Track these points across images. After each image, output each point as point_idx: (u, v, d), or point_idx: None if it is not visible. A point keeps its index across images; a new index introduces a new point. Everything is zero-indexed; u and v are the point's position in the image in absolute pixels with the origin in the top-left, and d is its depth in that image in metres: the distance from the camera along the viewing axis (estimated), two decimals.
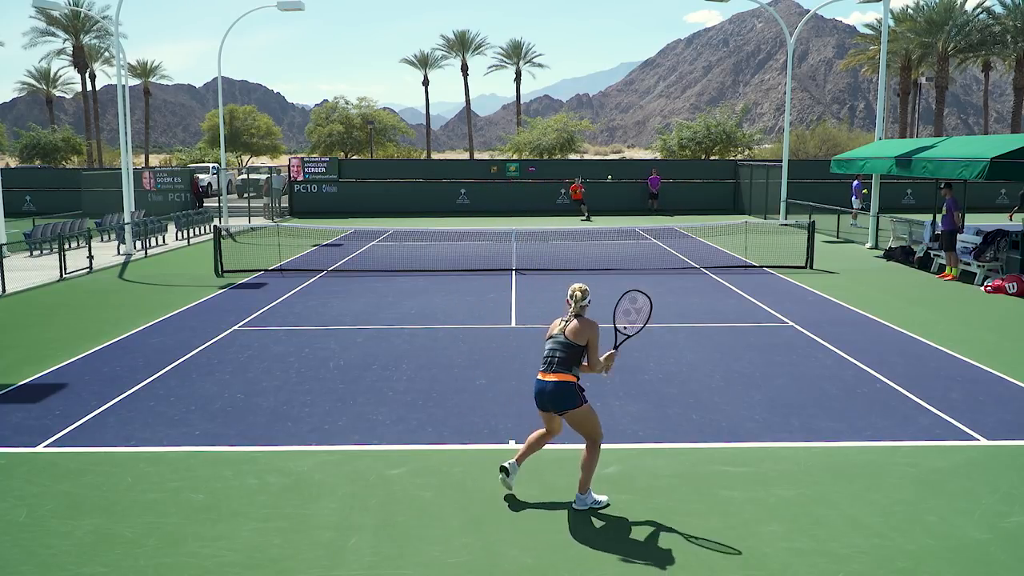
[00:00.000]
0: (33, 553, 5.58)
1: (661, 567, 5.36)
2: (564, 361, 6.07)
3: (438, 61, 79.77)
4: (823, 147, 62.28)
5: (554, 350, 6.14)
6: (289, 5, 27.54)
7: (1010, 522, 5.95)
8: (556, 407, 6.11)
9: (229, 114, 68.49)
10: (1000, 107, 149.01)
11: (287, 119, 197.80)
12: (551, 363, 6.10)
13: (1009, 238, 16.55)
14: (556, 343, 6.14)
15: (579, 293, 6.24)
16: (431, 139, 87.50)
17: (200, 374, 9.99)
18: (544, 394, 6.11)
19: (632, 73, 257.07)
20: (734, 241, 22.50)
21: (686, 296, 15.10)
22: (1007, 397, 8.94)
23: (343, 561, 5.44)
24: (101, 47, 67.65)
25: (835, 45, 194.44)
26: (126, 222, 22.61)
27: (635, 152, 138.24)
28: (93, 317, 13.70)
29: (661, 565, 5.38)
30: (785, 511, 6.15)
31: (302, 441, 7.70)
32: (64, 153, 63.79)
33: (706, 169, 40.75)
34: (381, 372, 10.01)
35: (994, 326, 12.60)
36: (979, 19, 56.55)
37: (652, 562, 5.42)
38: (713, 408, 8.59)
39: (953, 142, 18.77)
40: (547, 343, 6.24)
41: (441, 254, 21.42)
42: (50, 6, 24.21)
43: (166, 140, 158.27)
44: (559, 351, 6.11)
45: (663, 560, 5.44)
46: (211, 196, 43.31)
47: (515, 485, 6.44)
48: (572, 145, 57.89)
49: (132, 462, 7.20)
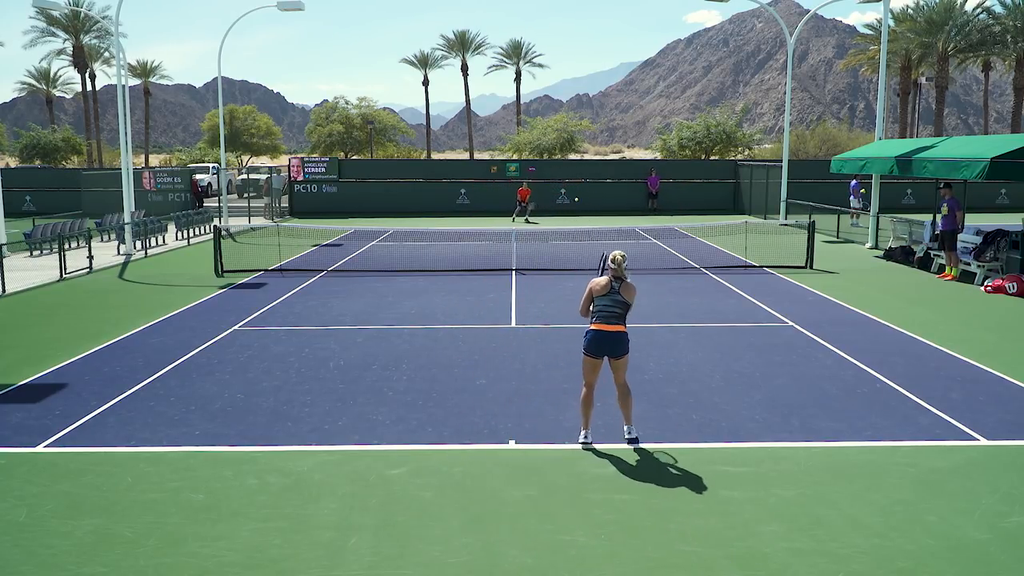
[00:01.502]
0: (33, 553, 5.58)
1: (661, 567, 5.35)
2: (621, 316, 7.34)
3: (438, 61, 79.81)
4: (823, 147, 62.28)
5: (613, 306, 7.30)
6: (289, 5, 27.54)
7: (1010, 522, 5.95)
8: (616, 352, 7.32)
9: (229, 114, 68.49)
10: (1000, 107, 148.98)
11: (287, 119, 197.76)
12: (612, 317, 7.30)
13: (1009, 238, 16.55)
14: (613, 301, 7.29)
15: (620, 257, 7.32)
16: (431, 139, 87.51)
17: (200, 374, 9.99)
18: (610, 341, 7.29)
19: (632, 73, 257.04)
20: (734, 241, 22.50)
21: (686, 296, 15.10)
22: (1007, 397, 8.94)
23: (343, 561, 5.44)
24: (101, 47, 67.65)
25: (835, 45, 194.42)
26: (126, 222, 22.62)
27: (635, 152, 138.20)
28: (93, 317, 13.70)
29: (661, 565, 5.38)
30: (785, 511, 6.15)
31: (302, 441, 7.70)
32: (64, 153, 63.79)
33: (706, 169, 40.75)
34: (381, 372, 10.01)
35: (994, 326, 12.60)
36: (979, 19, 56.55)
37: (652, 562, 5.42)
38: (713, 408, 8.59)
39: (953, 142, 18.77)
40: (602, 299, 7.30)
41: (441, 254, 21.42)
42: (50, 6, 24.22)
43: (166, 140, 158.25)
44: (618, 307, 7.30)
45: (663, 560, 5.44)
46: (211, 196, 43.30)
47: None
48: (572, 145, 57.89)
49: (132, 462, 7.20)
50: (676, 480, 6.72)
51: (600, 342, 7.30)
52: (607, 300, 7.28)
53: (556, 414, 8.40)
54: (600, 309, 7.31)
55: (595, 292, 7.32)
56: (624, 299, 7.27)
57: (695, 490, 6.53)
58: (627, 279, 7.32)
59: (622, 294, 7.26)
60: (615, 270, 7.28)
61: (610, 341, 7.29)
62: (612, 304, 7.28)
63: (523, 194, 32.21)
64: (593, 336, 7.32)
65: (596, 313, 7.33)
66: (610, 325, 7.28)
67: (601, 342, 7.30)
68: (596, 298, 7.32)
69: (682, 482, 6.68)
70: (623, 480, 6.75)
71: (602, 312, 7.30)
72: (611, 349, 7.31)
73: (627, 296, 7.27)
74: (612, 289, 7.26)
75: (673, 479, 6.74)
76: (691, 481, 6.71)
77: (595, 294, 7.32)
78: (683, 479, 6.75)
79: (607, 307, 7.29)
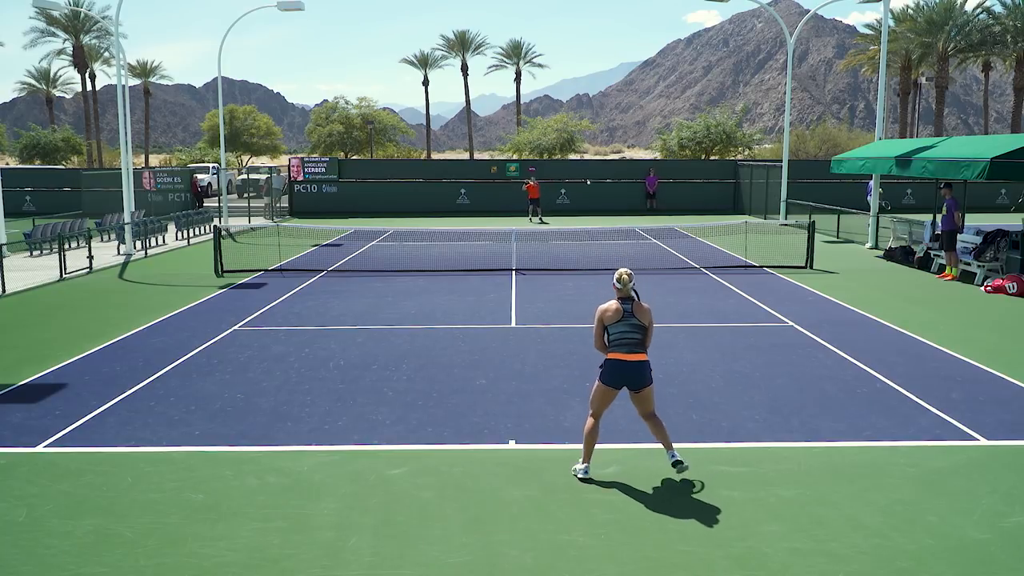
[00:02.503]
0: (33, 553, 5.58)
1: (661, 567, 5.35)
2: (642, 342, 6.65)
3: (438, 61, 79.78)
4: (823, 147, 62.27)
5: (633, 333, 6.59)
6: (289, 5, 27.54)
7: (1010, 522, 5.95)
8: (642, 384, 6.64)
9: (229, 114, 68.43)
10: (1000, 107, 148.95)
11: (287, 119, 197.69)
12: (634, 344, 6.59)
13: (1009, 238, 16.55)
14: (632, 326, 6.59)
15: (626, 276, 6.68)
16: (431, 139, 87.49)
17: (200, 374, 9.99)
18: (636, 373, 6.59)
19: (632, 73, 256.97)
20: (734, 241, 22.50)
21: (686, 296, 15.10)
22: (1007, 397, 8.94)
23: (343, 561, 5.44)
24: (101, 47, 67.65)
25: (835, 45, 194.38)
26: (126, 222, 22.62)
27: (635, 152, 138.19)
28: (93, 317, 13.70)
29: (661, 565, 5.38)
30: (785, 511, 6.15)
31: (302, 441, 7.70)
32: (64, 153, 63.77)
33: (706, 169, 40.75)
34: (381, 372, 10.01)
35: (994, 326, 12.60)
36: (979, 19, 56.55)
37: (652, 562, 5.42)
38: (713, 408, 8.59)
39: (953, 142, 18.77)
40: (618, 326, 6.57)
41: (441, 254, 21.42)
42: (50, 6, 24.20)
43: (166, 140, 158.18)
44: (637, 333, 6.60)
45: (663, 560, 5.44)
46: (211, 196, 43.30)
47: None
48: (572, 145, 57.88)
49: (132, 462, 7.20)
50: (676, 480, 6.72)
51: (621, 373, 6.58)
52: (622, 327, 6.58)
53: (556, 414, 8.40)
54: (617, 338, 6.58)
55: (607, 320, 6.62)
56: (641, 323, 6.59)
57: (695, 490, 6.53)
58: (638, 299, 6.70)
59: (637, 317, 6.59)
60: (621, 290, 6.65)
61: (632, 372, 6.57)
62: (629, 330, 6.58)
63: (532, 190, 32.09)
64: (613, 366, 6.59)
65: (614, 343, 6.61)
66: (632, 354, 6.56)
67: (622, 373, 6.58)
68: (609, 326, 6.62)
69: (682, 482, 6.68)
70: (623, 480, 6.74)
71: (620, 341, 6.57)
72: (633, 380, 6.59)
73: (643, 318, 6.60)
74: (625, 313, 6.58)
75: (673, 479, 6.74)
76: (691, 481, 6.70)
77: (607, 322, 6.61)
78: (683, 479, 6.74)
79: (624, 334, 6.57)
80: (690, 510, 6.17)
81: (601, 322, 6.65)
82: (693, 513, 6.12)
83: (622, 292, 6.66)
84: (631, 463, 7.10)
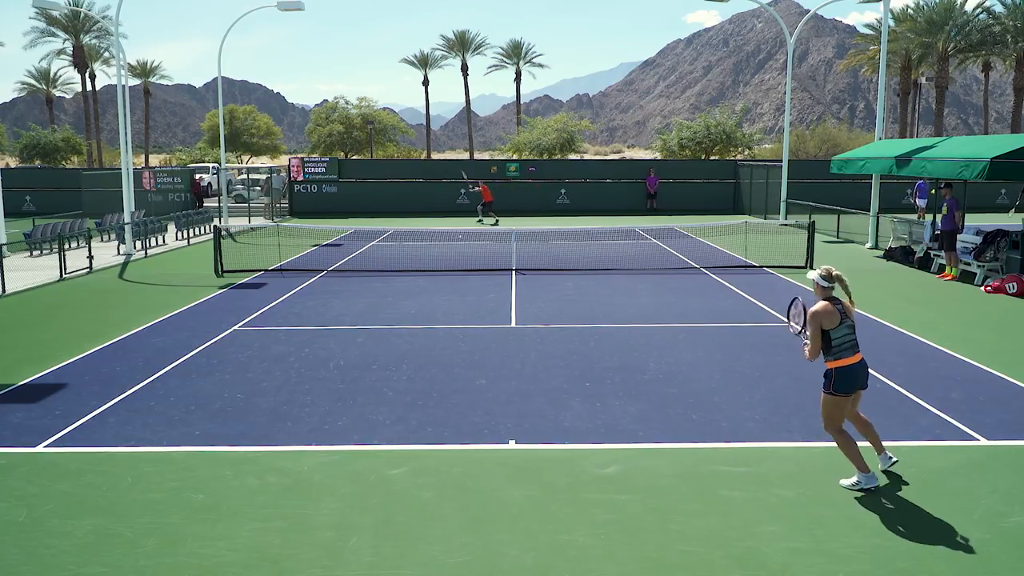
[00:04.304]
0: (33, 553, 5.58)
1: (661, 567, 5.35)
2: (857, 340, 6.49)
3: (438, 61, 79.76)
4: (823, 147, 62.26)
5: (851, 333, 6.42)
6: (289, 5, 27.54)
7: (1010, 522, 5.95)
8: (867, 381, 6.52)
9: (229, 114, 68.47)
10: (1000, 107, 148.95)
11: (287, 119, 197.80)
12: (856, 344, 6.44)
13: (1009, 238, 16.55)
14: (850, 327, 6.42)
15: (837, 273, 6.48)
16: (431, 139, 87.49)
17: (200, 374, 9.99)
18: (866, 371, 6.47)
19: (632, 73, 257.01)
20: (734, 241, 22.50)
21: (686, 296, 15.10)
22: (1007, 397, 8.94)
23: (343, 561, 5.44)
24: (101, 47, 67.62)
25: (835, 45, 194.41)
26: (126, 222, 22.62)
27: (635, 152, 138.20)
28: (93, 317, 13.70)
29: (661, 565, 5.38)
30: (785, 511, 6.15)
31: (302, 441, 7.70)
32: (64, 153, 63.76)
33: (706, 169, 40.75)
34: (381, 372, 10.01)
35: (994, 326, 12.60)
36: (979, 19, 56.52)
37: (652, 562, 5.42)
38: (713, 408, 8.59)
39: (953, 142, 18.77)
40: (840, 330, 6.34)
41: (441, 254, 21.42)
42: (50, 6, 24.19)
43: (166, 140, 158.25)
44: (854, 332, 6.45)
45: (663, 560, 5.44)
46: (211, 196, 43.30)
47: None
48: (572, 145, 57.86)
49: (132, 462, 7.20)
50: (676, 480, 6.72)
51: (856, 377, 6.36)
52: (844, 329, 6.32)
53: (556, 414, 8.40)
54: (840, 341, 6.30)
55: (827, 324, 6.27)
56: (853, 321, 6.43)
57: (695, 490, 6.53)
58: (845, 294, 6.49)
59: (849, 316, 6.40)
60: (830, 289, 6.40)
61: (864, 372, 6.43)
62: (849, 332, 6.36)
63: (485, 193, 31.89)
64: (847, 374, 6.31)
65: (837, 347, 6.30)
66: (857, 355, 6.38)
67: (857, 376, 6.36)
68: (831, 331, 6.28)
69: (682, 482, 6.68)
70: (623, 480, 6.74)
71: (844, 344, 6.32)
72: (865, 379, 6.47)
73: (852, 316, 6.44)
74: (841, 314, 6.33)
75: (673, 479, 6.74)
76: (691, 481, 6.70)
77: (828, 326, 6.27)
78: (683, 479, 6.74)
79: (846, 336, 6.34)
80: (690, 510, 6.17)
81: (819, 327, 6.29)
82: (693, 513, 6.12)
83: (830, 292, 6.39)
84: (631, 463, 7.10)
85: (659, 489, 6.55)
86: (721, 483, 6.64)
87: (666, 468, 6.98)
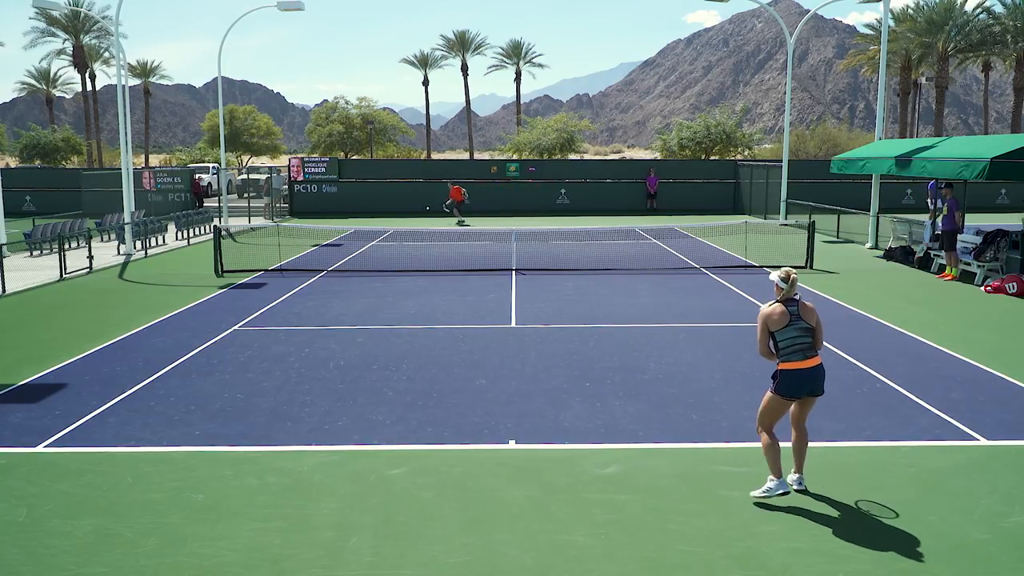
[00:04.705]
0: (33, 553, 5.58)
1: (661, 567, 5.35)
2: (814, 345, 6.27)
3: (438, 61, 79.77)
4: (823, 147, 62.25)
5: (804, 337, 6.23)
6: (289, 5, 27.54)
7: (1010, 522, 5.95)
8: (821, 389, 6.31)
9: (229, 114, 68.44)
10: (1000, 107, 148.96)
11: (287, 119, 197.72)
12: (808, 348, 6.22)
13: (1009, 238, 16.55)
14: (801, 329, 6.22)
15: (794, 276, 6.35)
16: (431, 139, 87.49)
17: (200, 374, 9.99)
18: (819, 377, 6.26)
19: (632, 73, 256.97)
20: (734, 241, 22.50)
21: (686, 296, 15.10)
22: (1007, 397, 8.94)
23: (343, 561, 5.44)
24: (101, 47, 67.63)
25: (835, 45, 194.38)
26: (126, 222, 22.61)
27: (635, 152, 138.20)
28: (93, 317, 13.70)
29: (661, 565, 5.38)
30: (785, 511, 6.15)
31: (302, 441, 7.70)
32: (64, 153, 63.76)
33: (706, 169, 40.75)
34: (381, 372, 10.01)
35: (994, 326, 12.60)
36: (979, 19, 56.53)
37: (652, 562, 5.42)
38: (713, 408, 8.59)
39: (953, 142, 18.77)
40: (787, 331, 6.19)
41: (441, 254, 21.42)
42: (50, 6, 24.19)
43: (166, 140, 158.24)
44: (810, 336, 6.25)
45: (663, 560, 5.44)
46: (211, 196, 43.30)
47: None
48: (572, 145, 57.86)
49: (132, 462, 7.20)
50: (676, 480, 6.72)
51: (802, 381, 6.19)
52: (792, 331, 6.19)
53: (556, 414, 8.40)
54: (788, 344, 6.19)
55: (772, 325, 6.22)
56: (808, 324, 6.21)
57: (695, 490, 6.53)
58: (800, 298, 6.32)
59: (804, 319, 6.21)
60: (787, 291, 6.24)
61: (814, 378, 6.22)
62: (799, 334, 6.20)
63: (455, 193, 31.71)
64: (791, 377, 6.18)
65: (784, 350, 6.20)
66: (809, 360, 6.19)
67: (803, 381, 6.20)
68: (776, 332, 6.22)
69: (682, 482, 6.68)
70: (623, 480, 6.74)
71: (792, 347, 6.18)
72: (815, 386, 6.25)
73: (809, 319, 6.22)
74: (792, 316, 6.19)
75: (673, 479, 6.74)
76: (691, 481, 6.70)
77: (773, 327, 6.22)
78: (683, 479, 6.74)
79: (795, 339, 6.19)
80: (690, 510, 6.17)
81: (766, 328, 6.26)
82: (693, 513, 6.12)
83: (788, 293, 6.25)
84: (631, 463, 7.10)
85: (659, 489, 6.55)
86: (721, 483, 6.64)
87: (666, 468, 6.98)
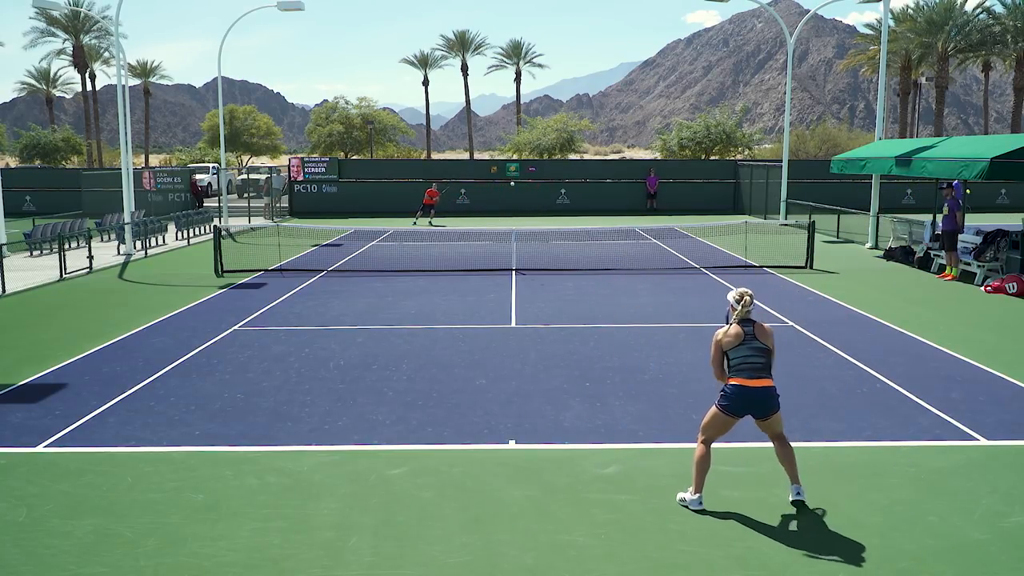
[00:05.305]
0: (33, 553, 5.58)
1: (661, 567, 5.35)
2: (768, 366, 6.17)
3: (438, 61, 79.76)
4: (823, 147, 62.24)
5: (757, 356, 6.13)
6: (289, 5, 27.54)
7: (1010, 522, 5.95)
8: (769, 411, 6.16)
9: (229, 114, 68.43)
10: (1000, 107, 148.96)
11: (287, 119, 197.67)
12: (759, 368, 6.11)
13: (1009, 238, 16.55)
14: (755, 349, 6.14)
15: (748, 297, 6.30)
16: (431, 139, 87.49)
17: (200, 374, 9.99)
18: (763, 400, 6.12)
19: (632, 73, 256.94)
20: (734, 241, 22.50)
21: (686, 296, 15.10)
22: (1007, 397, 8.94)
23: (343, 561, 5.44)
24: (101, 47, 67.62)
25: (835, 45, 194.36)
26: (126, 222, 22.62)
27: (635, 152, 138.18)
28: (93, 317, 13.69)
29: (661, 565, 5.38)
30: (785, 511, 6.15)
31: (302, 441, 7.70)
32: (64, 153, 63.76)
33: (706, 169, 40.76)
34: (381, 372, 10.01)
35: (994, 326, 12.60)
36: (979, 19, 56.53)
37: (652, 562, 5.42)
38: None
39: (953, 142, 18.77)
40: (739, 350, 6.13)
41: (441, 254, 21.42)
42: (50, 6, 24.20)
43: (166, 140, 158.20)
44: (762, 356, 6.15)
45: (663, 560, 5.44)
46: (211, 196, 43.29)
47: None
48: (572, 145, 57.87)
49: (132, 462, 7.20)
50: (676, 480, 6.71)
51: (745, 399, 6.10)
52: (745, 350, 6.14)
53: (556, 414, 8.40)
54: (739, 362, 6.13)
55: (725, 345, 6.18)
56: (764, 344, 6.17)
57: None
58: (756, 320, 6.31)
59: (760, 339, 6.18)
60: (742, 312, 6.22)
61: (758, 398, 6.10)
62: (752, 353, 6.14)
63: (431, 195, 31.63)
64: (735, 392, 6.10)
65: (735, 367, 6.15)
66: (756, 379, 6.08)
67: (747, 399, 6.10)
68: (729, 351, 6.19)
69: (682, 482, 6.67)
70: (623, 480, 6.74)
71: (742, 365, 6.12)
72: (758, 407, 6.13)
73: (766, 341, 6.18)
74: (747, 336, 6.16)
75: (673, 479, 6.74)
76: (691, 481, 6.69)
77: (726, 347, 6.18)
78: (683, 479, 6.73)
79: (747, 358, 6.12)
80: (690, 510, 6.17)
81: (719, 347, 6.22)
82: (693, 513, 6.12)
83: (743, 314, 6.22)
84: (631, 463, 7.10)
85: (659, 489, 6.55)
86: (721, 483, 6.64)
87: (666, 468, 6.98)
